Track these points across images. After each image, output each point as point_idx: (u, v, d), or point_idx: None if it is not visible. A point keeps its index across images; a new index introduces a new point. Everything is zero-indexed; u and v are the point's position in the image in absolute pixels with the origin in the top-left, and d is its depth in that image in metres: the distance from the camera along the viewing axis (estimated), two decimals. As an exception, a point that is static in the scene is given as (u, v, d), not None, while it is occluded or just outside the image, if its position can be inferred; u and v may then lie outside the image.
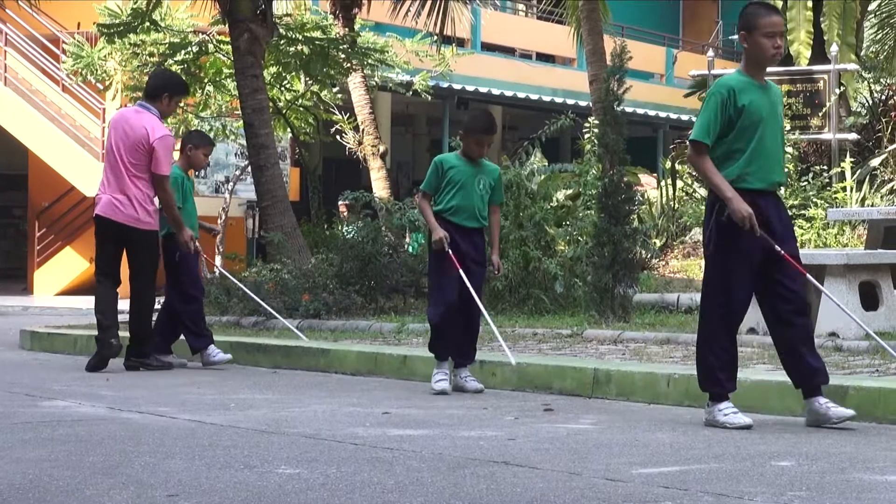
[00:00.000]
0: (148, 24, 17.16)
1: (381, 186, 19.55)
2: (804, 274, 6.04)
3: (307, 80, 19.16)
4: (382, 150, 20.22)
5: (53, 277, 24.42)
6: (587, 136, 15.94)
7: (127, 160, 9.16)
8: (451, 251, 7.56)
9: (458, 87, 26.36)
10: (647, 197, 17.11)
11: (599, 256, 10.32)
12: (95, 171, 21.59)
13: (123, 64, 19.70)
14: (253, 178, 14.72)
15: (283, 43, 17.53)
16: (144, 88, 9.83)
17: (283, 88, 19.40)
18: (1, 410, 6.82)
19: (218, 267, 12.13)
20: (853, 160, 17.28)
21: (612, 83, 10.46)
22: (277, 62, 18.10)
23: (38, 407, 7.10)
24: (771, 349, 8.20)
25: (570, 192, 13.70)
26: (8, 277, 26.68)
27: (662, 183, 18.49)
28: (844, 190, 16.48)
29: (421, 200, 7.86)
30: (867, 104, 20.11)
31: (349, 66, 18.58)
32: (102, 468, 4.94)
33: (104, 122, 22.93)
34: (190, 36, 18.61)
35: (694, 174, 18.43)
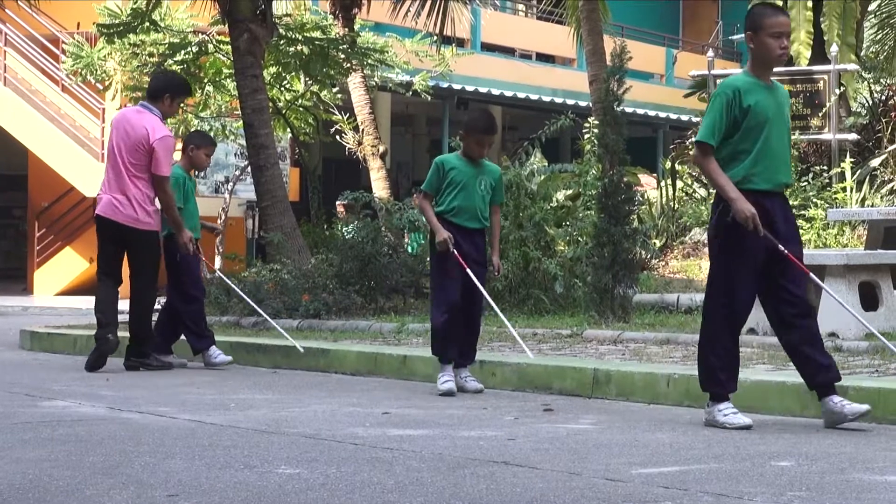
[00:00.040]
0: (148, 24, 17.15)
1: (380, 187, 19.54)
2: (807, 273, 6.03)
3: (307, 80, 19.16)
4: (382, 150, 20.21)
5: (53, 277, 24.43)
6: (587, 136, 15.92)
7: (127, 160, 9.17)
8: (455, 252, 7.57)
9: (457, 87, 26.36)
10: (646, 197, 17.09)
11: (599, 257, 10.32)
12: (95, 171, 21.63)
13: (123, 64, 19.70)
14: (253, 178, 14.71)
15: (282, 43, 17.53)
16: (147, 89, 9.84)
17: (282, 88, 19.39)
18: (1, 410, 6.82)
19: (217, 271, 12.09)
20: (853, 160, 17.26)
21: (611, 83, 10.46)
22: (277, 62, 18.10)
23: (38, 407, 7.10)
24: (771, 349, 8.23)
25: (569, 192, 13.69)
26: (8, 277, 26.68)
27: (662, 183, 18.47)
28: (844, 190, 16.47)
29: (422, 201, 7.84)
30: (867, 104, 20.08)
31: (349, 66, 18.57)
32: (102, 468, 4.94)
33: (104, 122, 22.93)
34: (190, 36, 18.61)
35: (694, 174, 18.43)
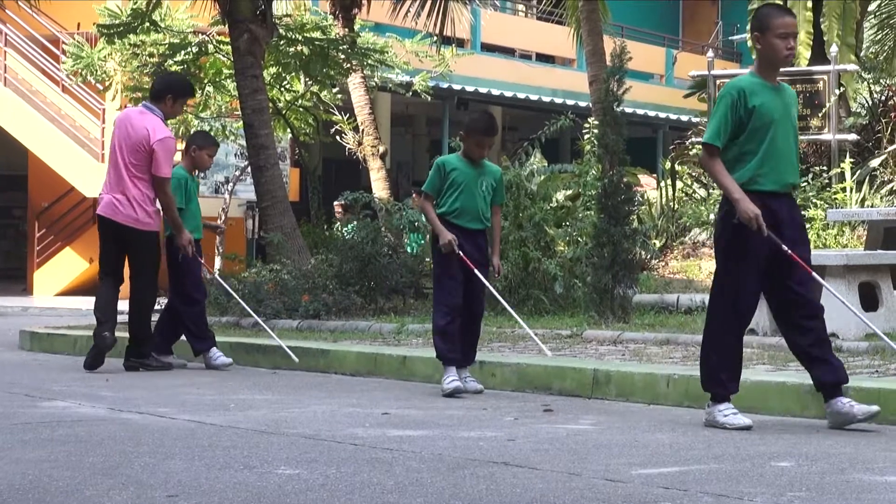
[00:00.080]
0: (148, 24, 17.15)
1: (380, 187, 19.53)
2: (810, 273, 6.03)
3: (307, 80, 19.15)
4: (382, 150, 20.20)
5: (53, 278, 24.43)
6: (587, 136, 15.91)
7: (128, 160, 9.17)
8: (461, 252, 7.57)
9: (457, 87, 26.36)
10: (646, 197, 17.09)
11: (599, 257, 10.32)
12: (95, 171, 21.65)
13: (123, 64, 19.70)
14: (253, 178, 14.71)
15: (282, 43, 17.52)
16: (150, 90, 9.85)
17: (282, 89, 19.38)
18: (1, 411, 6.82)
19: (215, 275, 12.04)
20: (853, 161, 17.26)
21: (611, 84, 10.46)
22: (277, 63, 18.10)
23: (37, 407, 7.10)
24: (771, 349, 8.23)
25: (569, 192, 13.68)
26: (8, 278, 26.69)
27: (662, 183, 18.47)
28: (844, 191, 16.47)
29: (424, 203, 7.83)
30: (867, 105, 20.08)
31: (349, 66, 18.56)
32: (102, 469, 4.94)
33: (104, 122, 22.95)
34: (190, 36, 18.61)
35: (693, 174, 18.44)
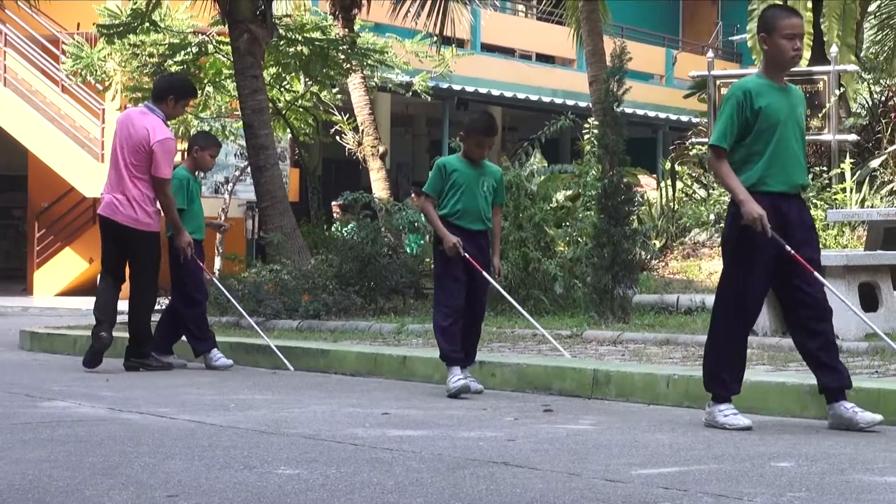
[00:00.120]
0: (147, 24, 17.14)
1: (380, 187, 19.52)
2: (813, 273, 6.02)
3: (307, 80, 19.14)
4: (382, 150, 20.19)
5: (53, 278, 24.43)
6: (587, 136, 15.90)
7: (129, 160, 9.17)
8: (466, 254, 7.56)
9: (457, 87, 26.35)
10: (646, 198, 17.08)
11: (599, 257, 10.32)
12: (95, 171, 21.65)
13: (123, 65, 19.70)
14: (252, 178, 14.71)
15: (282, 44, 17.52)
16: (152, 90, 9.85)
17: (282, 89, 19.38)
18: (1, 411, 6.82)
19: (213, 277, 11.99)
20: (853, 161, 17.25)
21: (611, 84, 10.46)
22: (277, 63, 18.09)
23: (37, 407, 7.10)
24: (771, 350, 8.23)
25: (569, 193, 13.67)
26: (8, 278, 26.68)
27: (662, 184, 18.46)
28: (844, 191, 16.46)
29: (425, 204, 7.79)
30: (867, 105, 20.07)
31: (349, 66, 18.56)
32: (102, 469, 4.94)
33: (104, 122, 22.94)
34: (189, 37, 18.60)
35: (693, 175, 18.44)
